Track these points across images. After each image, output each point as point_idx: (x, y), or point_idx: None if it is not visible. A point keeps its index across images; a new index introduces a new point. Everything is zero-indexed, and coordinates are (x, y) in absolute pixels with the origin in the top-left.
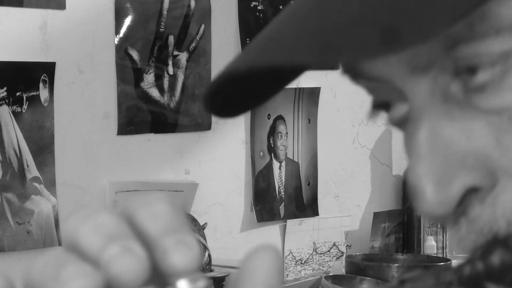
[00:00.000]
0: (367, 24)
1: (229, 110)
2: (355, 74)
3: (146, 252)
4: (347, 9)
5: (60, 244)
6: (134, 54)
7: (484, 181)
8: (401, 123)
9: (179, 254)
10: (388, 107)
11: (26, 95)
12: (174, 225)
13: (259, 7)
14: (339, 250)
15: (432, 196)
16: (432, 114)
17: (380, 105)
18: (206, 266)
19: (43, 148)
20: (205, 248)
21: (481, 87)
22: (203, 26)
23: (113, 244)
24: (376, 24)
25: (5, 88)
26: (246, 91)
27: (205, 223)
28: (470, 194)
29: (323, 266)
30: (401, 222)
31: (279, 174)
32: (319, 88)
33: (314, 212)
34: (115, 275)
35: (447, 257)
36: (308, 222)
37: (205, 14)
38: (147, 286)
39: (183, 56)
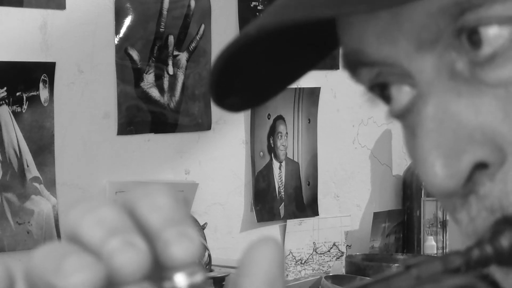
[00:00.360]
0: None
1: (232, 105)
2: (358, 63)
3: (147, 245)
4: None
5: None
6: (134, 54)
7: (493, 156)
8: (402, 114)
9: (180, 246)
10: (388, 100)
11: (26, 95)
12: (176, 217)
13: (259, 7)
14: (339, 250)
15: (441, 170)
16: (439, 91)
17: (380, 96)
18: (206, 266)
19: (43, 148)
20: (205, 248)
21: (487, 60)
22: (203, 26)
23: (114, 238)
24: None
25: (5, 88)
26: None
27: (205, 223)
28: (480, 170)
29: (323, 266)
30: (401, 222)
31: (279, 174)
32: (319, 88)
33: (314, 212)
34: (117, 268)
35: None
36: (308, 222)
37: (205, 14)
38: (148, 279)
39: (183, 56)
